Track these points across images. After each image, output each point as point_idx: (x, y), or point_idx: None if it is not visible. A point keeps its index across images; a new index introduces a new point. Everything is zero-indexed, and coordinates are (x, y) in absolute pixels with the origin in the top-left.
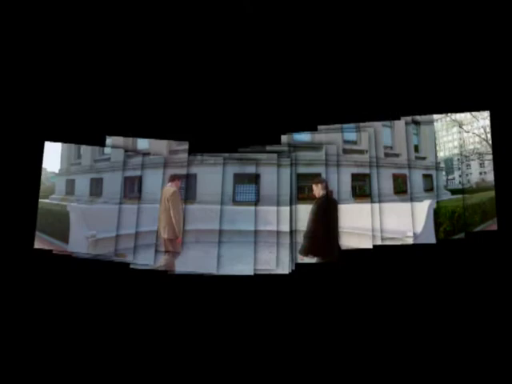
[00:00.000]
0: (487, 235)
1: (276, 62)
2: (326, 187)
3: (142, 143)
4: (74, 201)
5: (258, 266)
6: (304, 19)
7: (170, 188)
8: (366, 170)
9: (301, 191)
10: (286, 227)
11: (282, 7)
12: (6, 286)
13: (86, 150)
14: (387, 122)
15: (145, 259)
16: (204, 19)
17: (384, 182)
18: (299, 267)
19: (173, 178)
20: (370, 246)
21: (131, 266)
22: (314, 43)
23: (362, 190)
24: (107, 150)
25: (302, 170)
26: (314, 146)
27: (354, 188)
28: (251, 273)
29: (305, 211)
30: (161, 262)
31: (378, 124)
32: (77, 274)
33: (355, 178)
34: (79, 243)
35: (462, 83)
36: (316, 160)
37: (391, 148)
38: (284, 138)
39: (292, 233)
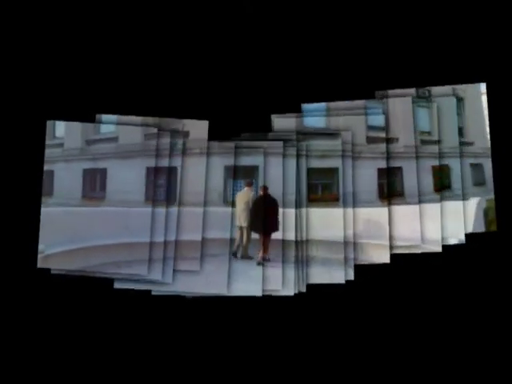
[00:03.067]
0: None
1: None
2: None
3: (107, 126)
4: None
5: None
6: None
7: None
8: (397, 163)
9: (312, 190)
10: (291, 235)
11: None
12: None
13: None
14: (422, 101)
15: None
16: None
17: (421, 176)
18: (311, 289)
19: (249, 183)
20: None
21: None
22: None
23: (391, 189)
24: (59, 131)
25: (315, 163)
26: (329, 133)
27: (380, 186)
28: (259, 293)
29: (318, 217)
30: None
31: (409, 102)
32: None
33: (383, 173)
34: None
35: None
36: (332, 151)
37: (429, 133)
38: (290, 122)
39: (299, 243)
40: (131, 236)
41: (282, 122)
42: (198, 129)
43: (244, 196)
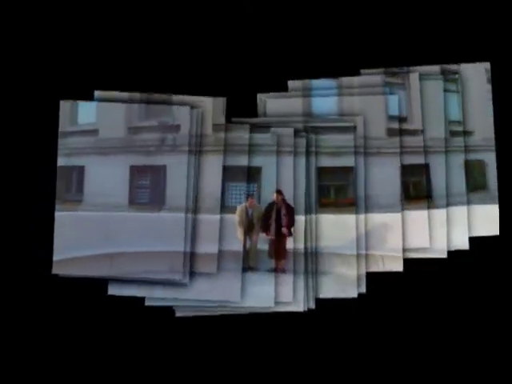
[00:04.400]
0: None
1: None
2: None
3: (85, 116)
4: None
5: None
6: None
7: None
8: (423, 159)
9: (324, 194)
10: (300, 245)
11: None
12: None
13: None
14: (451, 85)
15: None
16: None
17: (452, 174)
18: (321, 304)
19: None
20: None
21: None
22: None
23: (417, 190)
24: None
25: (326, 161)
26: (342, 126)
27: (405, 187)
28: (272, 304)
29: (330, 224)
30: None
31: (436, 86)
32: None
33: (408, 172)
34: None
35: None
36: (346, 147)
37: (459, 123)
38: (296, 103)
39: (308, 255)
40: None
41: (277, 104)
42: (214, 105)
43: (243, 212)
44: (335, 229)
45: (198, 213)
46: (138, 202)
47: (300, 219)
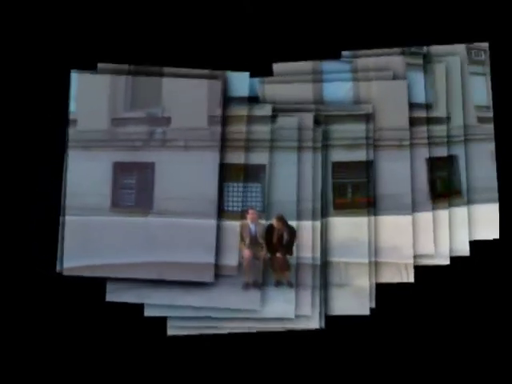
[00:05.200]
0: None
1: None
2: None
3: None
4: None
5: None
6: None
7: None
8: (451, 150)
9: (338, 193)
10: (307, 254)
11: None
12: None
13: None
14: (477, 67)
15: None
16: None
17: (480, 166)
18: (331, 321)
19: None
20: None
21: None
22: None
23: (444, 186)
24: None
25: (340, 155)
26: (357, 116)
27: (432, 182)
28: (292, 315)
29: (345, 228)
30: None
31: (460, 68)
32: None
33: (434, 165)
34: None
35: None
36: (363, 138)
37: (487, 108)
38: (306, 89)
39: (316, 267)
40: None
41: (281, 90)
42: (210, 89)
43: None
44: (350, 233)
45: (190, 217)
46: (122, 204)
47: (312, 225)
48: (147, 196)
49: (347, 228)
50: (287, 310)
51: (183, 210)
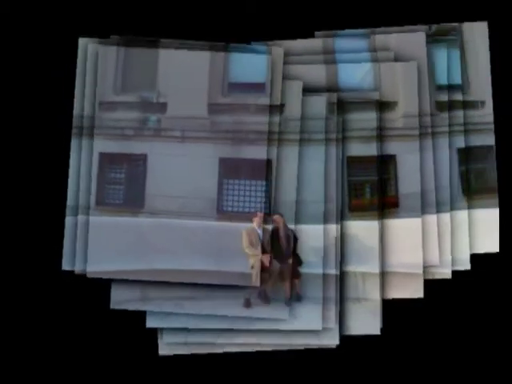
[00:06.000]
0: None
1: None
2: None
3: None
4: None
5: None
6: None
7: None
8: (485, 140)
9: (354, 192)
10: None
11: None
12: None
13: None
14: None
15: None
16: None
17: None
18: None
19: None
20: None
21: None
22: None
23: (479, 181)
24: None
25: (357, 148)
26: (378, 103)
27: (465, 178)
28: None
29: (363, 233)
30: None
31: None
32: None
33: (467, 157)
34: None
35: None
36: (384, 129)
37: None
38: (318, 70)
39: (326, 277)
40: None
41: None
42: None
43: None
44: (369, 240)
45: (186, 218)
46: (108, 202)
47: (318, 230)
48: (137, 193)
49: (366, 233)
50: (314, 321)
51: (177, 209)
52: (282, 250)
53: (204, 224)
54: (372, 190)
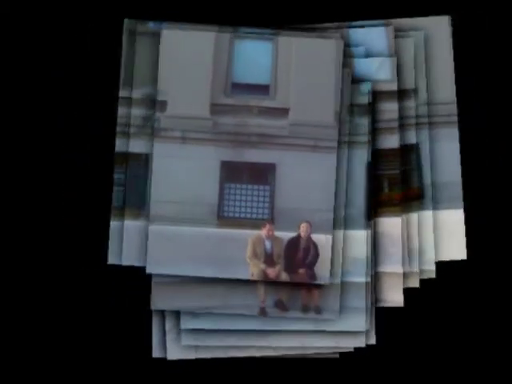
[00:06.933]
0: None
1: None
2: None
3: None
4: None
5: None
6: None
7: None
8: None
9: (379, 187)
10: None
11: None
12: None
13: None
14: None
15: None
16: None
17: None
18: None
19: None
20: None
21: None
22: None
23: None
24: None
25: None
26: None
27: None
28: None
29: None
30: None
31: None
32: None
33: None
34: None
35: None
36: (405, 118)
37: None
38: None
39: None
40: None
41: None
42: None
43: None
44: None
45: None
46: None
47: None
48: (139, 195)
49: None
50: (358, 323)
51: (175, 214)
52: (296, 258)
53: (201, 231)
54: (389, 184)
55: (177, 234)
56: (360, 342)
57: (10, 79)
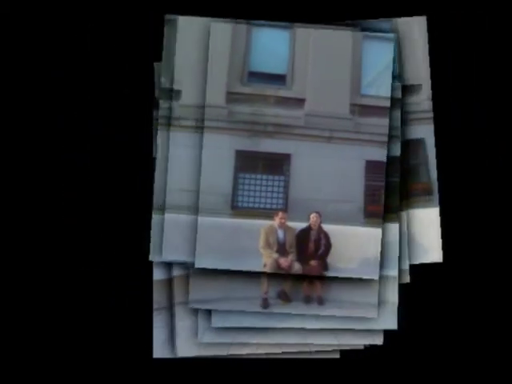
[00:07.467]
0: None
1: None
2: None
3: None
4: None
5: None
6: None
7: None
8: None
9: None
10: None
11: None
12: None
13: None
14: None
15: None
16: None
17: None
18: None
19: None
20: None
21: None
22: None
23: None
24: None
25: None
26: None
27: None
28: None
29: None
30: None
31: None
32: None
33: None
34: None
35: None
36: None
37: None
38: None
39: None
40: None
41: None
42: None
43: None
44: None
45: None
46: None
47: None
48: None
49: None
50: (389, 321)
51: (185, 203)
52: (308, 249)
53: (215, 221)
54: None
55: (191, 223)
56: (378, 340)
57: (10, 79)
